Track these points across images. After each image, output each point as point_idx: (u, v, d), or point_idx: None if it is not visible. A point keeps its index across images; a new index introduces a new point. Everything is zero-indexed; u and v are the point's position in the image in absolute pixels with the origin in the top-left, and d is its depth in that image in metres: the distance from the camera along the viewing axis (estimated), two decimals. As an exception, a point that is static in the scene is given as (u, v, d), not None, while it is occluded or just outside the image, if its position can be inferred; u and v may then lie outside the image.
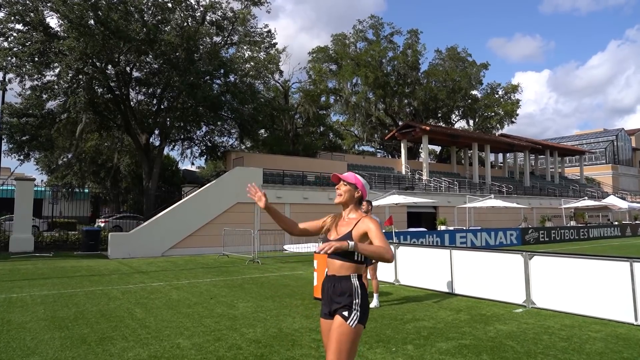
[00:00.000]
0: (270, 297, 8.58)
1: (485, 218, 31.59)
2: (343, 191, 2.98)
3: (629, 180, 64.62)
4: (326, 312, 2.83)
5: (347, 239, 2.74)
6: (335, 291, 2.75)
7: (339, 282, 2.76)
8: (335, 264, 2.80)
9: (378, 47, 35.00)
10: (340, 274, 2.77)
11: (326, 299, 2.82)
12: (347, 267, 2.77)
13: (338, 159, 31.74)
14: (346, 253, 2.71)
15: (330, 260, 2.84)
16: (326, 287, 2.84)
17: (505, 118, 42.58)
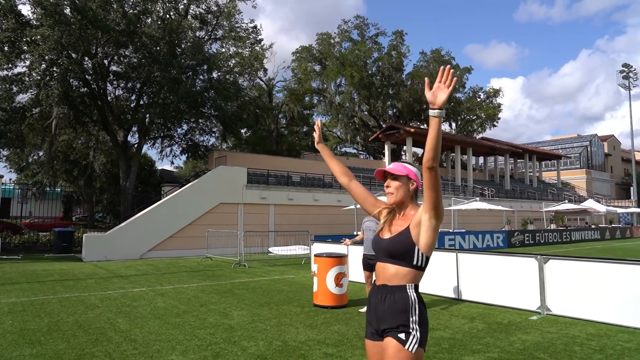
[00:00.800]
0: (265, 304, 7.92)
1: (468, 220, 31.52)
2: (394, 188, 2.35)
3: (601, 185, 66.20)
4: (373, 332, 2.27)
5: (404, 239, 2.21)
6: (385, 306, 2.19)
7: (391, 294, 2.20)
8: (386, 270, 2.24)
9: (363, 47, 34.62)
10: (393, 283, 2.21)
11: (373, 315, 2.26)
12: (403, 274, 2.21)
13: (322, 159, 31.06)
14: (399, 252, 2.21)
15: (381, 266, 2.28)
16: (374, 301, 2.27)
17: (487, 122, 42.87)
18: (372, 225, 7.10)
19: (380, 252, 2.29)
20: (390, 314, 2.17)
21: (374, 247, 2.37)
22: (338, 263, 7.68)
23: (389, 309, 2.18)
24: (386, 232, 2.34)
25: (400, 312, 2.16)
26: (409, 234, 2.21)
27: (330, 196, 24.36)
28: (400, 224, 2.30)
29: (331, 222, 23.76)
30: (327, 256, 7.75)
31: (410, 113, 37.74)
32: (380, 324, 2.21)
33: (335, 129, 44.91)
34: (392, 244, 2.23)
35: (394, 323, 2.16)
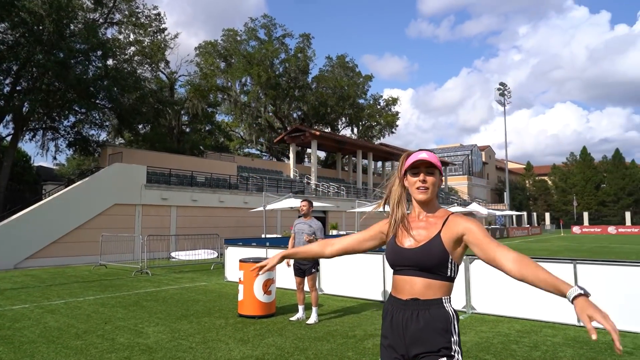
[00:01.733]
0: (183, 316, 7.06)
1: (370, 223, 32.48)
2: (431, 184, 1.94)
3: (480, 190, 73.39)
4: (398, 358, 1.87)
5: (437, 251, 1.84)
6: (421, 325, 1.80)
7: (425, 310, 1.82)
8: (415, 283, 1.85)
9: (271, 47, 34.14)
10: (427, 297, 1.84)
11: (399, 337, 1.85)
12: (438, 286, 1.85)
13: (228, 159, 30.01)
14: (432, 264, 1.83)
15: (405, 279, 1.88)
16: (401, 318, 1.85)
17: (386, 128, 44.95)
18: (304, 227, 6.66)
19: (403, 263, 1.89)
20: (428, 334, 1.79)
21: (392, 257, 1.94)
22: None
23: (425, 328, 1.80)
24: (406, 239, 1.93)
25: (440, 331, 1.79)
26: (441, 244, 1.85)
27: (237, 197, 23.45)
28: (424, 229, 1.92)
29: (238, 224, 22.88)
30: (254, 261, 7.14)
31: (315, 116, 38.12)
32: (411, 347, 1.82)
33: (238, 129, 43.75)
34: (421, 255, 1.85)
35: (432, 346, 1.78)
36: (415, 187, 1.95)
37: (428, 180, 1.93)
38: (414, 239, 1.90)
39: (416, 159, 1.94)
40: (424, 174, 1.93)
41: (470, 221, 1.88)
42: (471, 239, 1.84)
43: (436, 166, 1.94)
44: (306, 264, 6.58)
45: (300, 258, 2.35)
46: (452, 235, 1.86)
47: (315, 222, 6.66)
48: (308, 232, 6.58)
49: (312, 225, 6.64)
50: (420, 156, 1.94)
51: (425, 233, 1.90)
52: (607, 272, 6.26)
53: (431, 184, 1.93)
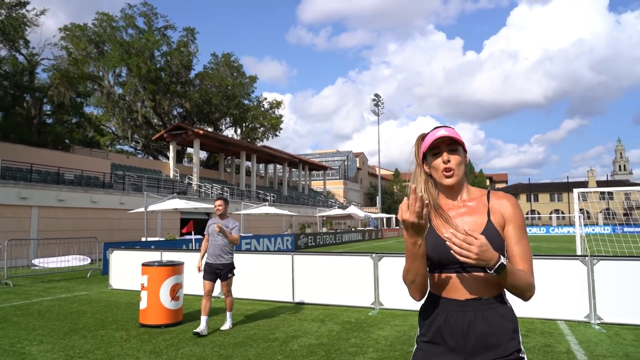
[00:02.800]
0: (72, 331, 6.10)
1: (253, 225, 32.31)
2: (456, 164, 1.66)
3: (354, 194, 77.66)
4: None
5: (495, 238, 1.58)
6: (493, 327, 1.56)
7: (491, 310, 1.58)
8: (475, 279, 1.59)
9: (152, 37, 31.77)
10: (489, 294, 1.60)
11: (459, 341, 1.57)
12: (496, 282, 1.59)
13: (99, 156, 27.09)
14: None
15: (461, 276, 1.60)
16: (460, 321, 1.58)
17: (270, 131, 45.01)
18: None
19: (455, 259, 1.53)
20: (500, 337, 1.56)
21: (439, 255, 1.60)
22: (174, 272, 6.52)
23: (498, 330, 1.56)
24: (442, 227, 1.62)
25: (511, 332, 1.58)
26: (496, 231, 1.60)
27: (112, 198, 21.33)
28: (468, 216, 1.66)
29: (113, 227, 20.80)
30: (160, 265, 6.49)
31: (199, 114, 36.52)
32: (474, 354, 1.56)
33: (109, 123, 39.89)
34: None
35: (505, 350, 1.55)
36: (440, 171, 1.67)
37: (453, 160, 1.65)
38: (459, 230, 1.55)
39: (435, 137, 1.66)
40: (447, 153, 1.66)
41: (514, 207, 1.66)
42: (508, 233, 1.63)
43: (459, 142, 1.68)
44: (222, 268, 6.02)
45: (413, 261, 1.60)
46: (500, 219, 1.64)
47: (233, 222, 6.17)
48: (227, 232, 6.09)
49: (229, 225, 6.14)
50: (438, 134, 1.67)
51: (472, 220, 1.65)
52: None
53: (457, 164, 1.66)
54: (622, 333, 5.71)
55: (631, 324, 6.08)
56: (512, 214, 1.64)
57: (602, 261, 6.41)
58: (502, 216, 1.64)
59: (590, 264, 6.39)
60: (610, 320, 6.20)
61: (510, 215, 1.64)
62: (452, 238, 1.44)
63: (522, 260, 1.60)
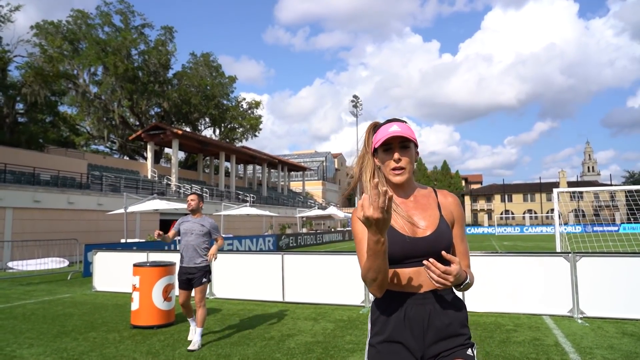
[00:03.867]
0: (61, 334, 5.99)
1: (233, 226, 32.08)
2: (407, 162, 1.65)
3: (332, 194, 77.96)
4: (416, 355, 1.60)
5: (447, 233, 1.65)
6: (450, 318, 1.62)
7: (445, 302, 1.63)
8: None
9: (129, 35, 31.20)
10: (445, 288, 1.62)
11: (418, 334, 1.59)
12: None
13: (75, 156, 26.45)
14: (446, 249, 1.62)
15: (420, 270, 1.60)
16: (421, 315, 1.60)
17: (250, 131, 44.77)
18: (194, 227, 5.36)
19: (415, 254, 1.60)
20: (456, 327, 1.62)
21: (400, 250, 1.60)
22: (167, 273, 6.48)
23: (454, 321, 1.62)
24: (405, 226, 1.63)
25: (465, 319, 1.66)
26: (448, 227, 1.67)
27: (90, 199, 20.88)
28: (420, 212, 1.67)
29: (90, 229, 20.36)
30: (152, 265, 6.44)
31: (177, 114, 36.03)
32: (432, 346, 1.59)
33: (84, 122, 38.94)
34: (435, 243, 1.61)
35: (460, 339, 1.62)
36: (389, 168, 1.65)
37: (403, 159, 1.64)
38: (415, 223, 1.64)
39: (387, 134, 1.63)
40: (397, 152, 1.64)
41: (459, 206, 1.74)
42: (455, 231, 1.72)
43: (411, 139, 1.66)
44: (195, 272, 5.29)
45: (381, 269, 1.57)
46: (450, 216, 1.71)
47: (208, 221, 5.49)
48: (199, 232, 5.34)
49: (205, 224, 5.42)
50: (391, 129, 1.64)
51: (424, 216, 1.67)
52: (492, 261, 7.19)
53: (407, 163, 1.65)
54: (605, 326, 5.96)
55: (612, 317, 6.34)
56: (459, 213, 1.73)
57: (584, 257, 6.67)
58: (452, 214, 1.71)
59: (574, 261, 6.64)
60: (592, 314, 6.46)
61: (458, 215, 1.72)
62: (431, 267, 1.48)
63: (465, 257, 1.71)
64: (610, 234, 31.47)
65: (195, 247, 5.32)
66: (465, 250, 1.73)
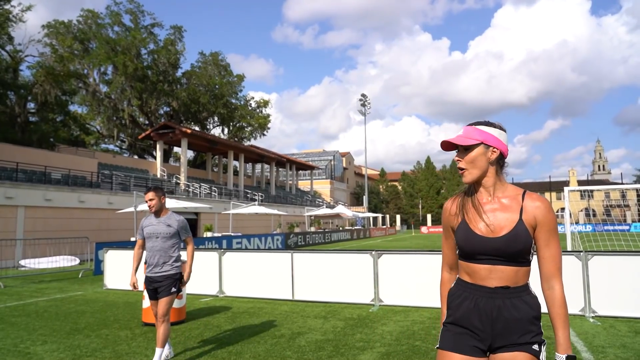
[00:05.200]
0: (74, 331, 6.06)
1: (242, 224, 32.22)
2: (466, 163, 1.80)
3: (340, 193, 77.90)
4: (476, 347, 1.76)
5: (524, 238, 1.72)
6: (520, 313, 1.72)
7: (519, 297, 1.73)
8: (504, 270, 1.73)
9: (139, 35, 31.42)
10: (517, 284, 1.74)
11: (486, 324, 1.74)
12: (524, 272, 1.76)
13: (86, 155, 26.72)
14: (519, 253, 1.72)
15: (491, 267, 1.74)
16: (490, 307, 1.73)
17: (258, 130, 44.88)
18: (160, 229, 4.49)
19: (485, 252, 1.74)
20: (525, 323, 1.72)
21: (470, 247, 1.76)
22: (177, 271, 6.51)
23: (523, 317, 1.71)
24: (480, 224, 1.77)
25: (535, 318, 1.74)
26: (526, 231, 1.73)
27: (101, 197, 21.07)
28: (500, 212, 1.77)
29: (101, 227, 20.55)
30: (163, 263, 6.47)
31: (186, 113, 36.22)
32: (499, 337, 1.72)
33: (94, 122, 39.31)
34: (507, 245, 1.71)
35: (528, 335, 1.72)
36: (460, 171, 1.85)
37: (462, 161, 1.81)
38: (491, 224, 1.75)
39: (443, 141, 1.81)
40: (458, 154, 1.83)
41: (547, 210, 1.76)
42: (538, 235, 1.76)
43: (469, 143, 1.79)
44: (162, 280, 4.45)
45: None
46: (532, 221, 1.76)
47: (176, 218, 4.58)
48: (165, 234, 4.47)
49: (172, 223, 4.53)
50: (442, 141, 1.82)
51: (503, 217, 1.76)
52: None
53: (467, 163, 1.80)
54: (617, 325, 5.91)
55: (624, 316, 6.28)
56: (545, 217, 1.75)
57: (596, 256, 6.61)
58: (535, 218, 1.75)
59: (585, 259, 6.59)
60: (604, 313, 6.40)
61: (542, 219, 1.75)
62: None
63: (550, 262, 1.76)
64: (622, 234, 31.13)
65: (163, 252, 4.47)
66: (551, 256, 1.76)
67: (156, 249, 4.48)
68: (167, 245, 4.49)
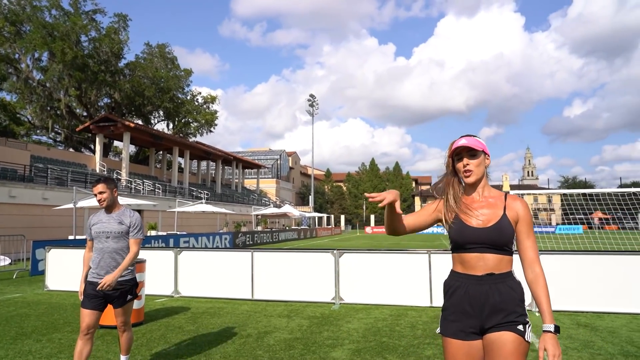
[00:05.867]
0: (21, 335, 5.64)
1: (187, 223, 31.32)
2: (475, 166, 2.10)
3: (286, 193, 77.78)
4: (468, 330, 2.00)
5: (507, 229, 2.02)
6: (504, 296, 1.97)
7: (503, 282, 1.99)
8: (489, 259, 2.00)
9: (80, 21, 29.57)
10: (501, 271, 2.01)
11: (477, 308, 1.98)
12: (507, 261, 2.04)
13: (17, 146, 24.77)
14: (504, 242, 2.01)
15: (479, 255, 2.01)
16: (479, 292, 1.99)
17: (205, 126, 43.79)
18: (111, 227, 3.79)
19: (475, 241, 2.03)
20: (508, 304, 1.96)
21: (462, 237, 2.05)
22: (137, 271, 6.23)
23: (507, 299, 1.96)
24: (472, 219, 2.06)
25: (518, 301, 1.99)
26: (509, 223, 2.04)
27: (34, 192, 19.68)
28: (487, 209, 2.08)
29: (34, 224, 19.18)
30: (121, 263, 6.18)
31: (129, 106, 34.59)
32: (490, 318, 1.96)
33: (24, 111, 36.53)
34: (494, 234, 2.01)
35: (513, 315, 1.95)
36: (461, 171, 2.12)
37: (471, 163, 2.09)
38: (480, 218, 2.05)
39: (456, 145, 2.12)
40: (467, 158, 2.10)
41: (526, 208, 2.08)
42: (520, 228, 2.07)
43: (478, 149, 2.10)
44: (117, 287, 3.76)
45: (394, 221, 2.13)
46: (514, 216, 2.06)
47: (130, 215, 3.92)
48: (117, 232, 3.79)
49: (125, 221, 3.86)
50: (459, 143, 2.12)
51: (490, 212, 2.06)
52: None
53: (475, 166, 2.09)
54: (560, 318, 6.39)
55: (566, 310, 6.81)
56: (525, 213, 2.09)
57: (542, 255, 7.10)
58: (517, 214, 2.08)
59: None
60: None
61: (522, 215, 2.08)
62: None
63: (531, 250, 2.06)
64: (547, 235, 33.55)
65: (114, 255, 3.79)
66: (531, 245, 2.06)
67: (107, 251, 3.76)
68: (120, 246, 3.80)
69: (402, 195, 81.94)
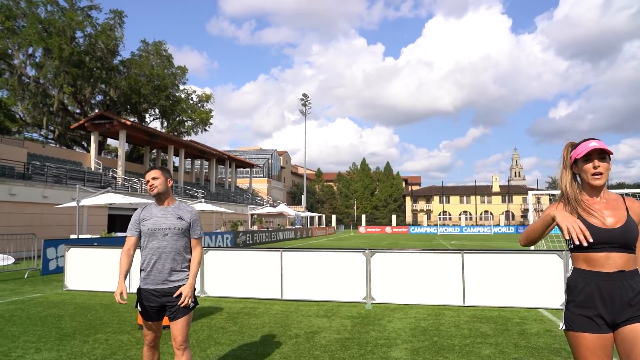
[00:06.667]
0: (66, 336, 5.53)
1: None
2: (605, 169, 2.18)
3: (278, 192, 77.57)
4: (602, 324, 2.11)
5: (634, 230, 2.13)
6: (634, 292, 2.09)
7: (633, 279, 2.11)
8: (619, 257, 2.11)
9: (75, 17, 29.07)
10: (630, 268, 2.13)
11: (609, 304, 2.09)
12: (634, 259, 2.16)
13: (14, 144, 24.28)
14: (631, 241, 2.11)
15: (608, 254, 2.10)
16: (611, 289, 2.09)
17: (199, 125, 43.45)
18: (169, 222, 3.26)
19: (604, 241, 2.11)
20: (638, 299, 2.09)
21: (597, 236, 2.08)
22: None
23: (639, 295, 2.09)
24: (594, 220, 2.13)
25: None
26: (635, 224, 2.16)
27: (34, 190, 19.33)
28: (611, 210, 2.17)
29: (33, 223, 18.84)
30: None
31: (124, 104, 34.13)
32: (622, 313, 2.08)
33: (16, 107, 35.82)
34: (623, 234, 2.11)
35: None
36: (590, 174, 2.18)
37: (602, 166, 2.17)
38: (604, 219, 2.14)
39: (588, 148, 2.16)
40: (597, 160, 2.16)
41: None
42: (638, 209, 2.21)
43: (608, 152, 2.18)
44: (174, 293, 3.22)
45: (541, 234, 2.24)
46: (636, 217, 2.18)
47: (189, 210, 3.40)
48: (176, 228, 3.26)
49: (183, 215, 3.33)
50: (591, 145, 2.17)
51: (615, 214, 2.16)
52: (490, 259, 7.53)
53: (605, 169, 2.17)
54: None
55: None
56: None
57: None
58: (638, 215, 2.20)
59: (567, 258, 7.14)
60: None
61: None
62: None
63: None
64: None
65: (174, 255, 3.25)
66: None
67: (165, 251, 3.21)
68: (180, 246, 3.26)
69: (392, 196, 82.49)
